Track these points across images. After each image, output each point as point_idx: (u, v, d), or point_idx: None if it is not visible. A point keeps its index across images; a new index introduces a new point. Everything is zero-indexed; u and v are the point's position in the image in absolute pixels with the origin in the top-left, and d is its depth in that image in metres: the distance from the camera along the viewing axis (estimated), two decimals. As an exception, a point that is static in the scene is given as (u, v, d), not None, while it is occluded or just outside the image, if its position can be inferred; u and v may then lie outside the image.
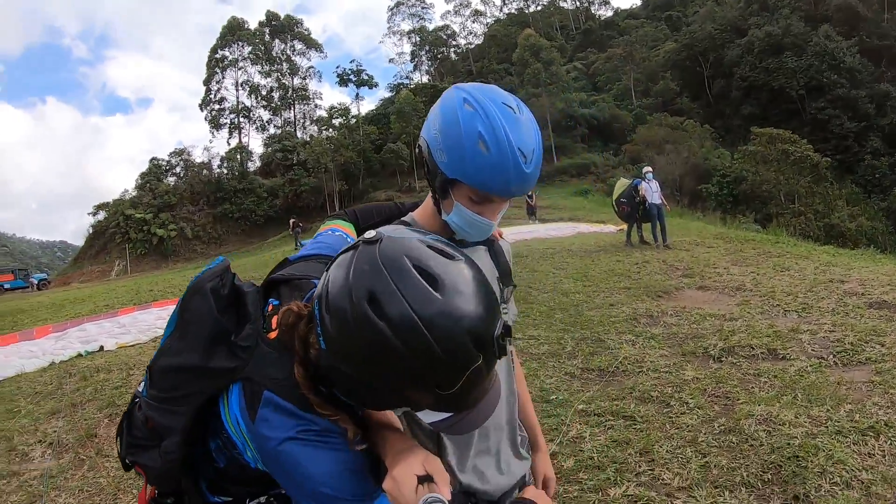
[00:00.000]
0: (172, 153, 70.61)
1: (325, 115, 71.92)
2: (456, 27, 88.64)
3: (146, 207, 62.20)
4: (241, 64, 75.47)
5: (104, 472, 4.14)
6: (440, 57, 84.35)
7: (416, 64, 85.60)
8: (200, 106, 74.47)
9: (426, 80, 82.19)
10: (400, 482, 0.95)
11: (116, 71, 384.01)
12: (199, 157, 70.18)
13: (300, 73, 79.26)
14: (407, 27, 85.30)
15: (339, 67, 72.42)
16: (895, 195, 41.24)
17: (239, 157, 69.72)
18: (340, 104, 70.98)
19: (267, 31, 78.09)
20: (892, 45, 54.75)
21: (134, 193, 66.19)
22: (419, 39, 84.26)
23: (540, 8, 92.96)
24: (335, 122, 68.10)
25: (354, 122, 68.65)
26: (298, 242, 29.93)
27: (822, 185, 37.81)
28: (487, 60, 78.71)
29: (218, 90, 74.74)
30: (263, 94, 76.32)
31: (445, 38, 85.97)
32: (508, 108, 1.15)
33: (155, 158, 70.20)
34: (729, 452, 3.39)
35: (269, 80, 76.92)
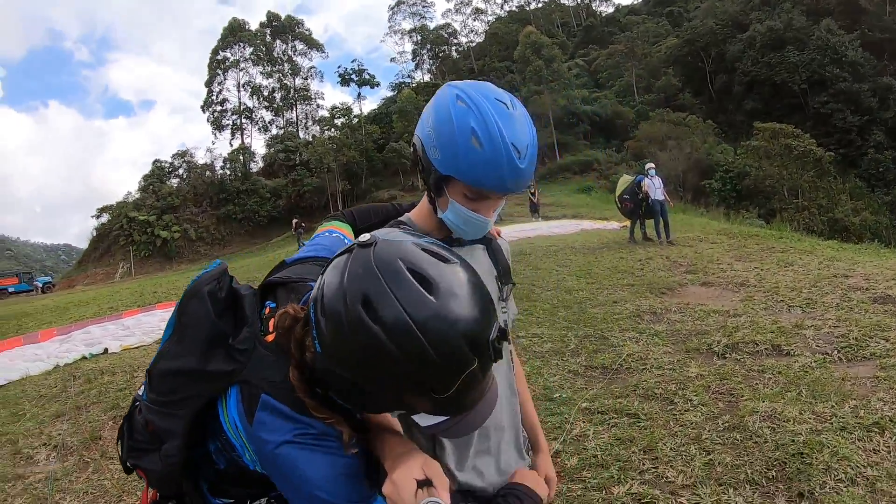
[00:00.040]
0: (175, 155, 70.97)
1: (327, 114, 72.04)
2: (457, 25, 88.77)
3: (149, 209, 62.35)
4: (242, 65, 75.63)
5: (108, 474, 4.14)
6: (441, 55, 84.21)
7: (417, 63, 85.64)
8: (202, 107, 74.78)
9: (428, 78, 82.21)
10: (399, 486, 0.95)
11: (118, 73, 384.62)
12: (201, 158, 70.52)
13: (302, 73, 79.46)
14: (408, 26, 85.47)
15: (340, 67, 72.61)
16: (899, 189, 41.25)
17: (241, 158, 69.87)
18: (342, 104, 71.08)
19: (268, 31, 78.19)
20: (894, 38, 54.53)
21: (137, 196, 66.37)
22: (420, 38, 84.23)
23: (541, 5, 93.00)
24: (337, 121, 68.12)
25: (356, 121, 68.70)
26: (301, 243, 29.93)
27: (825, 179, 37.77)
28: (489, 58, 78.57)
29: (220, 91, 74.96)
30: (265, 94, 76.46)
31: (447, 36, 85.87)
32: (501, 103, 1.15)
33: (158, 160, 70.53)
34: (733, 450, 3.38)
35: (270, 80, 77.11)
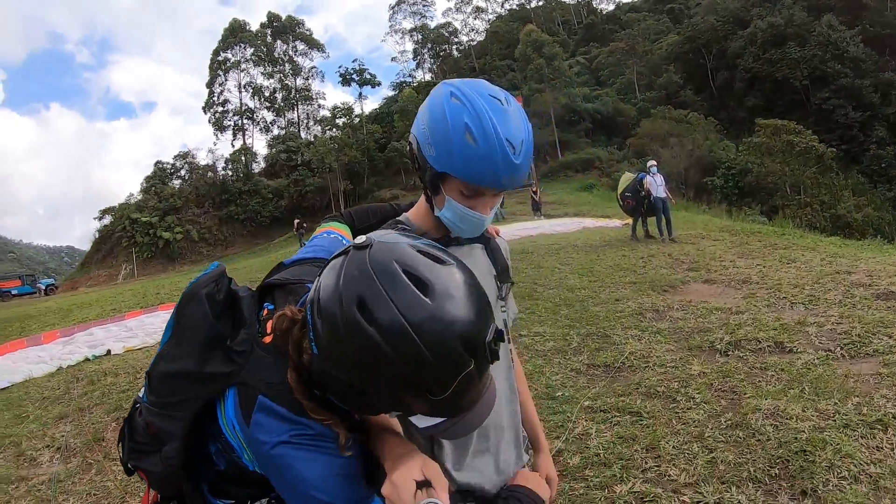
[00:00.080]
0: (177, 156, 71.33)
1: (328, 114, 72.30)
2: (458, 24, 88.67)
3: (152, 211, 62.53)
4: (243, 66, 75.87)
5: (111, 475, 4.15)
6: (442, 54, 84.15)
7: (418, 62, 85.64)
8: (204, 108, 75.04)
9: (429, 77, 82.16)
10: (399, 487, 0.95)
11: (119, 75, 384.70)
12: (203, 159, 70.90)
13: (303, 73, 79.66)
14: (408, 25, 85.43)
15: (341, 67, 72.78)
16: (901, 184, 41.17)
17: (243, 158, 70.03)
18: (344, 104, 71.32)
19: (269, 32, 78.37)
20: (895, 33, 54.41)
21: (139, 197, 66.61)
22: (421, 37, 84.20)
23: (541, 3, 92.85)
24: (339, 121, 68.27)
25: (358, 121, 68.86)
26: (303, 243, 29.97)
27: (827, 175, 37.71)
28: (490, 57, 78.56)
29: (221, 92, 75.21)
30: (266, 95, 76.66)
31: (447, 35, 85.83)
32: (496, 99, 1.15)
33: (160, 162, 70.94)
34: (736, 447, 3.37)
35: (271, 81, 77.34)
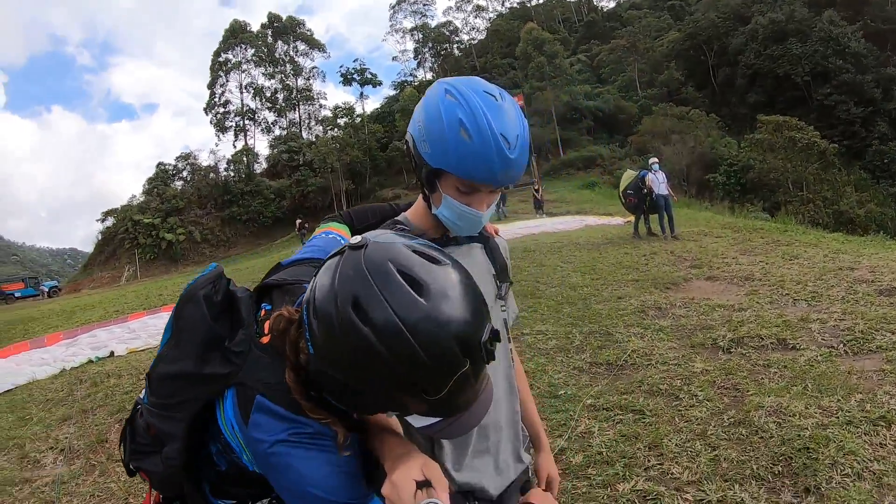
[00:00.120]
0: (179, 157, 71.31)
1: (329, 114, 72.25)
2: (458, 23, 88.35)
3: (154, 212, 62.61)
4: (244, 66, 75.83)
5: (115, 477, 4.16)
6: (443, 53, 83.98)
7: (419, 61, 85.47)
8: (205, 109, 75.01)
9: (430, 77, 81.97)
10: (399, 487, 0.95)
11: (121, 77, 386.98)
12: (205, 160, 70.84)
13: (304, 73, 79.60)
14: (409, 24, 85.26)
15: (342, 67, 72.65)
16: (904, 180, 41.05)
17: (245, 159, 70.07)
18: (345, 103, 71.31)
19: (269, 32, 78.36)
20: (896, 28, 54.29)
21: (142, 199, 66.70)
22: (422, 36, 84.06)
23: (542, 1, 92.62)
24: (340, 121, 68.25)
25: (359, 121, 68.86)
26: (304, 243, 30.14)
27: (830, 171, 37.59)
28: (491, 55, 78.46)
29: (222, 93, 75.20)
30: (268, 95, 76.66)
31: (448, 34, 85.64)
32: (490, 96, 1.16)
33: (161, 163, 70.92)
34: (739, 445, 3.37)
35: (272, 81, 77.30)
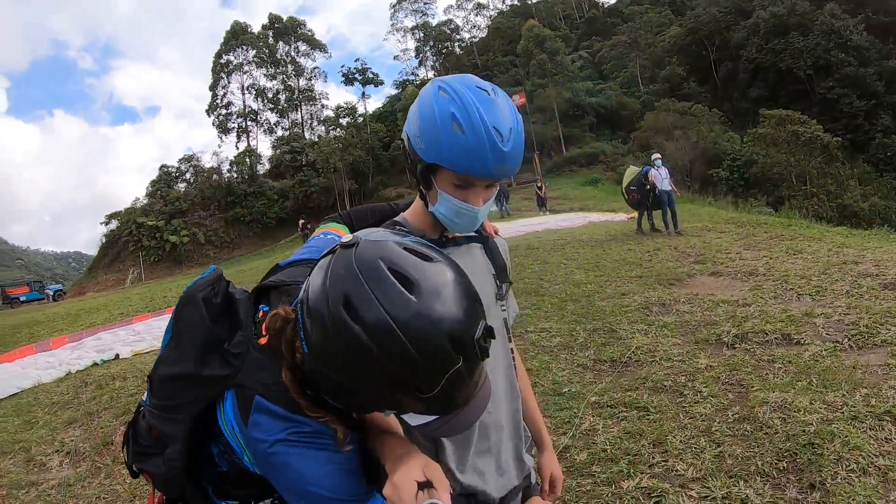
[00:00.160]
0: (182, 160, 71.52)
1: (332, 114, 72.15)
2: (459, 21, 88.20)
3: (158, 215, 62.76)
4: (246, 68, 75.85)
5: (120, 479, 4.17)
6: (445, 52, 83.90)
7: (420, 60, 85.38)
8: (207, 111, 75.08)
9: (432, 75, 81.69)
10: (400, 488, 0.95)
11: (122, 81, 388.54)
12: (208, 162, 70.92)
13: (305, 74, 79.62)
14: (410, 23, 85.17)
15: (343, 67, 72.98)
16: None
17: (248, 160, 70.12)
18: (347, 103, 71.28)
19: (270, 33, 78.38)
20: (899, 20, 54.02)
21: (145, 201, 66.88)
22: (423, 35, 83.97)
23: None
24: (342, 121, 68.21)
25: (362, 120, 68.92)
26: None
27: (833, 165, 37.48)
28: (492, 53, 78.32)
29: (224, 95, 75.22)
30: (270, 96, 76.69)
31: (449, 32, 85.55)
32: (483, 91, 1.17)
33: (165, 166, 71.10)
34: (743, 441, 3.36)
35: (274, 82, 77.36)
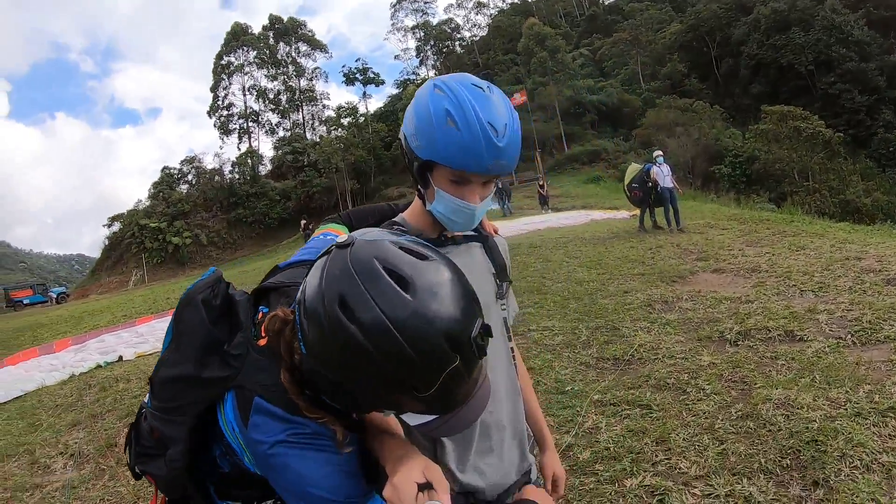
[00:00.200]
0: (183, 161, 71.44)
1: (333, 115, 72.06)
2: (460, 20, 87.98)
3: (160, 216, 62.80)
4: (246, 69, 75.81)
5: (124, 480, 4.18)
6: (445, 51, 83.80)
7: (421, 59, 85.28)
8: (209, 113, 75.06)
9: (433, 74, 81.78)
10: (400, 489, 0.95)
11: (124, 83, 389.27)
12: (210, 163, 70.82)
13: (306, 74, 79.54)
14: (410, 23, 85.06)
15: (344, 67, 72.93)
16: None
17: (250, 161, 70.09)
18: (348, 103, 71.23)
19: (271, 34, 78.31)
20: (900, 15, 53.81)
21: (147, 203, 66.84)
22: (423, 34, 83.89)
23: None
24: (344, 121, 68.19)
25: (363, 120, 68.92)
26: (308, 245, 30.17)
27: (835, 160, 37.45)
28: (493, 52, 78.24)
29: (225, 96, 75.19)
30: (271, 97, 76.64)
31: (450, 31, 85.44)
32: (478, 88, 1.18)
33: (166, 167, 71.04)
34: (747, 438, 3.35)
35: (275, 83, 77.28)
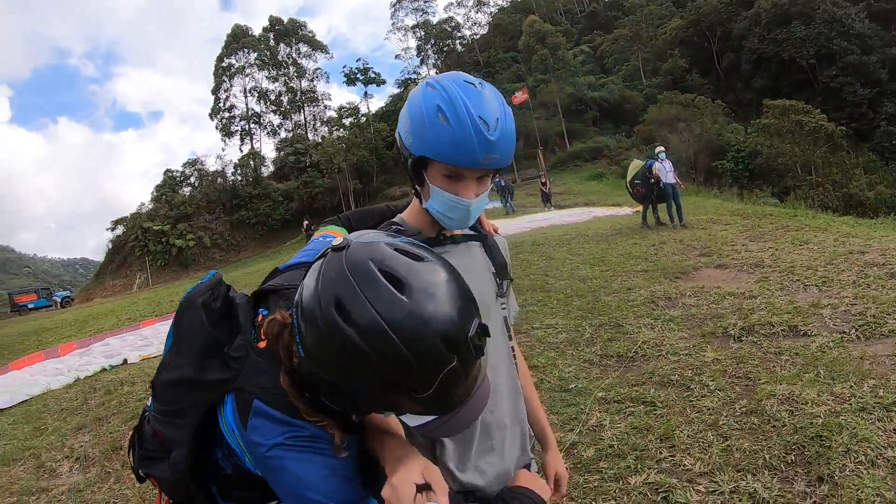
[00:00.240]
0: (186, 164, 71.49)
1: (334, 115, 72.10)
2: (460, 18, 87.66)
3: (163, 219, 62.86)
4: (247, 70, 75.78)
5: (130, 483, 4.19)
6: (446, 50, 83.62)
7: (422, 58, 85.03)
8: (210, 115, 75.01)
9: (434, 73, 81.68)
10: (398, 490, 0.95)
11: (125, 87, 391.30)
12: (212, 165, 70.90)
13: (307, 75, 79.46)
14: (411, 22, 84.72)
15: (345, 67, 72.73)
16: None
17: (252, 163, 70.14)
18: (350, 103, 71.29)
19: (271, 36, 78.27)
20: (901, 7, 53.60)
21: (150, 206, 66.89)
22: (424, 33, 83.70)
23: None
24: (345, 121, 68.28)
25: (365, 120, 68.89)
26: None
27: (838, 154, 37.30)
28: (493, 50, 78.11)
29: (227, 98, 75.18)
30: (272, 98, 76.62)
31: (450, 30, 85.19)
32: (470, 84, 1.19)
33: (169, 170, 71.03)
34: (751, 435, 3.35)
35: (276, 84, 77.21)
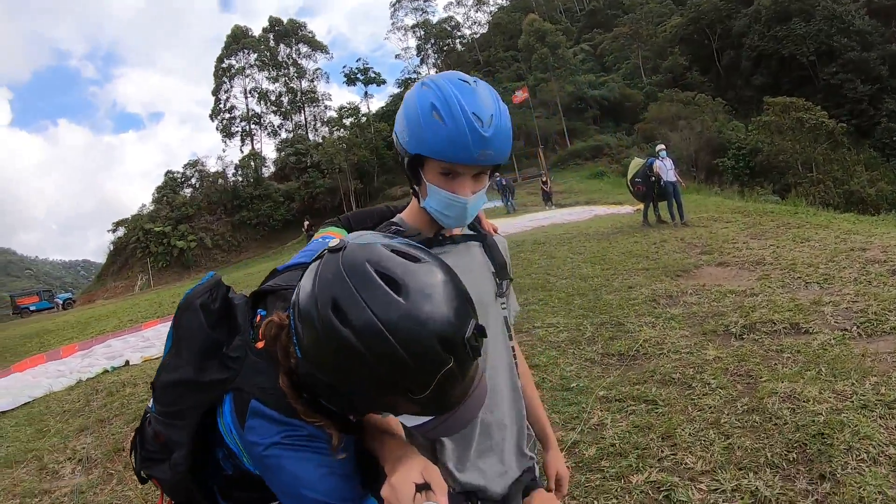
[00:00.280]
0: (187, 165, 71.72)
1: (335, 115, 72.07)
2: (460, 18, 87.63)
3: (164, 220, 63.00)
4: (248, 71, 75.95)
5: (132, 484, 4.20)
6: (446, 49, 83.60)
7: (422, 58, 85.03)
8: (211, 116, 75.24)
9: (434, 73, 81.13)
10: (398, 489, 0.95)
11: (125, 88, 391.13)
12: (213, 166, 71.13)
13: (307, 75, 79.58)
14: (410, 21, 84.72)
15: (345, 67, 72.74)
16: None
17: (253, 163, 70.22)
18: (350, 103, 71.24)
19: (271, 36, 78.40)
20: (901, 4, 53.51)
21: (151, 207, 67.11)
22: (424, 33, 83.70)
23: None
24: (346, 121, 68.28)
25: (365, 120, 68.87)
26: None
27: (839, 151, 37.34)
28: (493, 49, 78.09)
29: (227, 99, 75.35)
30: (272, 99, 76.74)
31: (450, 29, 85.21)
32: (464, 82, 1.19)
33: (170, 171, 71.30)
34: (753, 433, 3.34)
35: (276, 85, 77.36)
